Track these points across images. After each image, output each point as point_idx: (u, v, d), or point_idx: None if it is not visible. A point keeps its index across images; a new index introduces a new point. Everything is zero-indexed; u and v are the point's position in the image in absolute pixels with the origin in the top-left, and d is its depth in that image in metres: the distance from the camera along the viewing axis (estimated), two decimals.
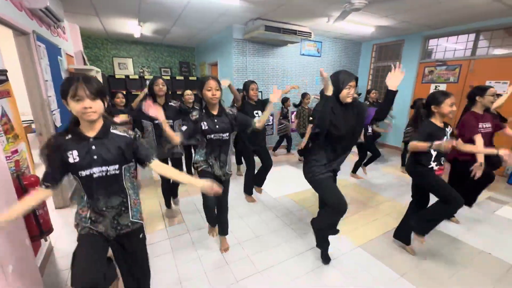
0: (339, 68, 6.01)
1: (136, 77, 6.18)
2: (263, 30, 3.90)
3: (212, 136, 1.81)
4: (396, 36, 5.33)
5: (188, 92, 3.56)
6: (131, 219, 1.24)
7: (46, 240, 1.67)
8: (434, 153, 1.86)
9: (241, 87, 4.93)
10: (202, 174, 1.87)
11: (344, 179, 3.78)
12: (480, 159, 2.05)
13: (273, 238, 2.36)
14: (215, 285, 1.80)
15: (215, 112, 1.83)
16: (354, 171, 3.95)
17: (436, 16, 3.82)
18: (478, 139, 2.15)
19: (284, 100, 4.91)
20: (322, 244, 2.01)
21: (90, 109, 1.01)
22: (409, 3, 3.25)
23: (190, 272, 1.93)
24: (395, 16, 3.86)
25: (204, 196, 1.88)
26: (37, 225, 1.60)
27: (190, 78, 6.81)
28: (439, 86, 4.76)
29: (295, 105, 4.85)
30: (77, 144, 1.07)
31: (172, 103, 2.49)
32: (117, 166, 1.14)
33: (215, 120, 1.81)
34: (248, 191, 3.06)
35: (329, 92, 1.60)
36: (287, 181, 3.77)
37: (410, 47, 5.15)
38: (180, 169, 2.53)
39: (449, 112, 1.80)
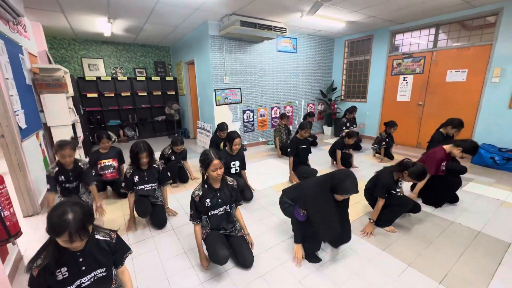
0: (314, 64, 6.20)
1: (109, 78, 5.93)
2: (239, 25, 3.92)
3: (216, 211, 1.81)
4: (365, 32, 5.61)
5: (179, 148, 3.35)
6: None
7: (14, 244, 1.53)
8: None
9: (219, 83, 4.92)
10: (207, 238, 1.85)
11: (327, 170, 3.88)
12: (416, 192, 2.65)
13: (259, 227, 2.37)
14: (203, 277, 1.77)
15: (217, 186, 1.81)
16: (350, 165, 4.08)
17: (399, 10, 4.09)
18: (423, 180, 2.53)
19: (282, 116, 4.84)
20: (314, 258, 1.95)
21: (79, 245, 1.02)
22: None
23: (177, 267, 1.88)
24: (362, 10, 4.07)
25: (215, 254, 1.73)
26: (3, 228, 1.47)
27: (167, 78, 6.66)
28: (407, 77, 5.07)
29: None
30: (64, 260, 1.06)
31: (155, 165, 2.42)
32: (104, 269, 1.17)
33: (218, 194, 1.81)
34: None
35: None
36: (270, 173, 3.80)
37: (379, 42, 5.44)
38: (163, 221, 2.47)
39: (407, 181, 2.17)
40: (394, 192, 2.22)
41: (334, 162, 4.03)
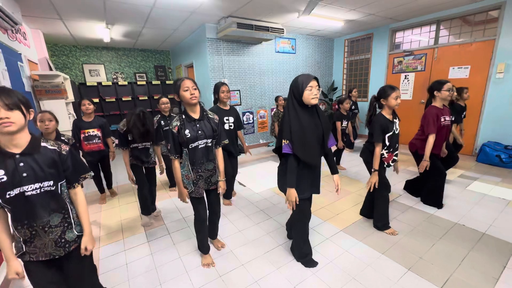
0: (313, 64, 6.15)
1: (110, 83, 5.97)
2: (236, 28, 3.91)
3: (196, 144, 1.70)
4: (365, 30, 5.54)
5: (164, 100, 3.36)
6: (77, 233, 1.19)
7: None
8: (387, 143, 2.05)
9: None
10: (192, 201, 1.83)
11: (327, 171, 3.82)
12: (427, 158, 2.36)
13: (256, 231, 2.33)
14: (197, 283, 1.74)
15: (196, 116, 1.70)
16: (337, 163, 4.02)
17: (398, 7, 4.02)
18: (432, 138, 2.35)
19: (276, 99, 4.66)
20: (311, 263, 1.89)
21: (6, 119, 0.93)
22: None
23: (171, 272, 1.85)
24: (360, 9, 4.01)
25: (197, 210, 1.82)
26: None
27: (167, 82, 6.67)
28: (408, 75, 4.98)
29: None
30: (2, 162, 0.98)
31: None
32: (51, 183, 1.07)
33: (197, 125, 1.70)
34: (226, 196, 2.98)
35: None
36: (268, 175, 3.76)
37: (379, 40, 5.37)
38: (154, 182, 2.60)
39: (395, 104, 1.99)
40: (391, 134, 2.03)
41: (335, 145, 3.92)
